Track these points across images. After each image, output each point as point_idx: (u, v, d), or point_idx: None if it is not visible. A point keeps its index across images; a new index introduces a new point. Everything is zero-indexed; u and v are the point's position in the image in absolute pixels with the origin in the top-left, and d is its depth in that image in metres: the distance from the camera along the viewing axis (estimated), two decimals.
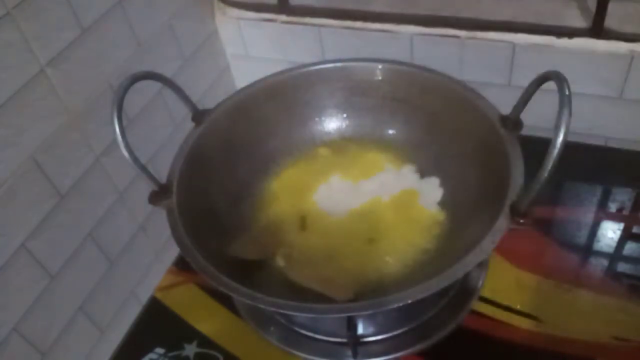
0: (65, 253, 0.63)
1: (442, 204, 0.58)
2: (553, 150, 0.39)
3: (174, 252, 0.65)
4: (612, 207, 0.63)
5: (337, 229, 0.58)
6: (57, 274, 0.62)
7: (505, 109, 0.52)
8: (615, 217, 0.62)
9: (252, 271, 0.54)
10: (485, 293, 0.57)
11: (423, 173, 0.61)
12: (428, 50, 0.75)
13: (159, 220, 0.52)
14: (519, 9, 0.72)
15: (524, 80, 0.50)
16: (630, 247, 0.60)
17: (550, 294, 0.56)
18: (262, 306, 0.45)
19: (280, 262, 0.55)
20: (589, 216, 0.63)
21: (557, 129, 0.39)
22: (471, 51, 0.73)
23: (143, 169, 0.49)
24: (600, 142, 0.72)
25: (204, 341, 0.57)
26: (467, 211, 0.55)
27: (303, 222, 0.58)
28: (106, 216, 0.68)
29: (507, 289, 0.57)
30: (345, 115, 0.66)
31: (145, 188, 0.51)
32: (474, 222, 0.50)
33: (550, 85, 0.43)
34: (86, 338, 0.68)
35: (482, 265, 0.58)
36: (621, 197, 0.64)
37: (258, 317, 0.58)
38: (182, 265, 0.65)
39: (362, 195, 0.60)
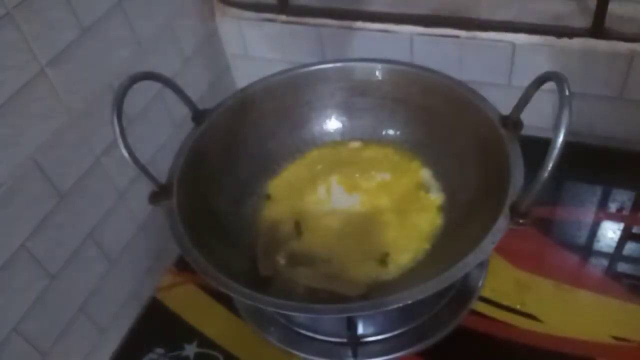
0: (65, 253, 0.63)
1: (442, 204, 0.58)
2: (553, 150, 0.39)
3: (174, 252, 0.65)
4: (612, 207, 0.63)
5: (337, 229, 0.58)
6: (57, 274, 0.62)
7: (505, 109, 0.52)
8: (615, 217, 0.62)
9: (254, 272, 0.54)
10: (485, 293, 0.57)
11: (423, 173, 0.61)
12: (428, 50, 0.75)
13: (159, 220, 0.52)
14: (519, 9, 0.72)
15: (524, 80, 0.50)
16: (630, 247, 0.60)
17: (550, 294, 0.56)
18: (262, 306, 0.45)
19: (281, 260, 0.55)
20: (589, 216, 0.63)
21: (557, 129, 0.39)
22: (471, 51, 0.73)
23: (143, 169, 0.49)
24: (600, 142, 0.72)
25: (204, 341, 0.57)
26: (467, 211, 0.55)
27: (298, 227, 0.58)
28: (106, 216, 0.68)
29: (507, 289, 0.57)
30: (345, 115, 0.66)
31: (145, 188, 0.51)
32: (474, 223, 0.50)
33: (550, 85, 0.43)
34: (86, 338, 0.68)
35: (482, 265, 0.58)
36: (621, 197, 0.64)
37: (258, 317, 0.58)
38: (182, 265, 0.65)
39: (362, 196, 0.60)
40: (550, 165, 0.40)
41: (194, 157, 0.56)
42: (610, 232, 0.61)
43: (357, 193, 0.61)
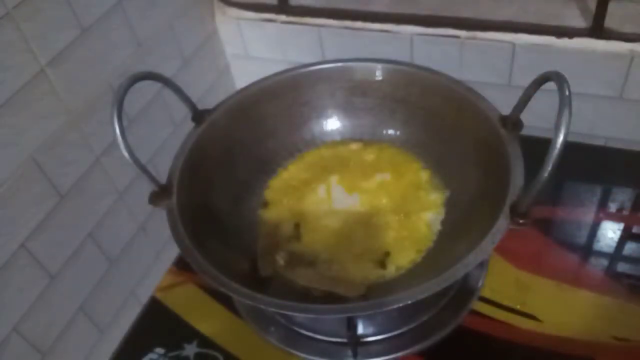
0: (65, 253, 0.63)
1: (442, 204, 0.58)
2: (553, 150, 0.39)
3: (174, 252, 0.65)
4: (612, 207, 0.63)
5: (337, 230, 0.58)
6: (57, 274, 0.62)
7: (505, 109, 0.52)
8: (615, 217, 0.62)
9: (254, 272, 0.54)
10: (485, 293, 0.57)
11: (423, 173, 0.61)
12: (428, 50, 0.75)
13: (159, 220, 0.52)
14: (519, 9, 0.72)
15: (524, 80, 0.50)
16: (630, 247, 0.60)
17: (550, 294, 0.56)
18: (262, 306, 0.45)
19: (280, 261, 0.55)
20: (589, 216, 0.63)
21: (557, 129, 0.39)
22: (471, 51, 0.73)
23: (143, 169, 0.49)
24: (600, 142, 0.72)
25: (204, 341, 0.58)
26: (467, 211, 0.55)
27: (298, 229, 0.58)
28: (106, 216, 0.68)
29: (507, 289, 0.57)
30: (345, 115, 0.66)
31: (145, 188, 0.51)
32: (474, 223, 0.50)
33: (550, 85, 0.43)
34: (86, 338, 0.68)
35: (482, 265, 0.58)
36: (621, 197, 0.64)
37: (258, 317, 0.58)
38: (182, 265, 0.65)
39: (362, 196, 0.60)
40: (550, 165, 0.40)
41: (194, 157, 0.56)
42: (610, 232, 0.61)
43: (357, 193, 0.61)
